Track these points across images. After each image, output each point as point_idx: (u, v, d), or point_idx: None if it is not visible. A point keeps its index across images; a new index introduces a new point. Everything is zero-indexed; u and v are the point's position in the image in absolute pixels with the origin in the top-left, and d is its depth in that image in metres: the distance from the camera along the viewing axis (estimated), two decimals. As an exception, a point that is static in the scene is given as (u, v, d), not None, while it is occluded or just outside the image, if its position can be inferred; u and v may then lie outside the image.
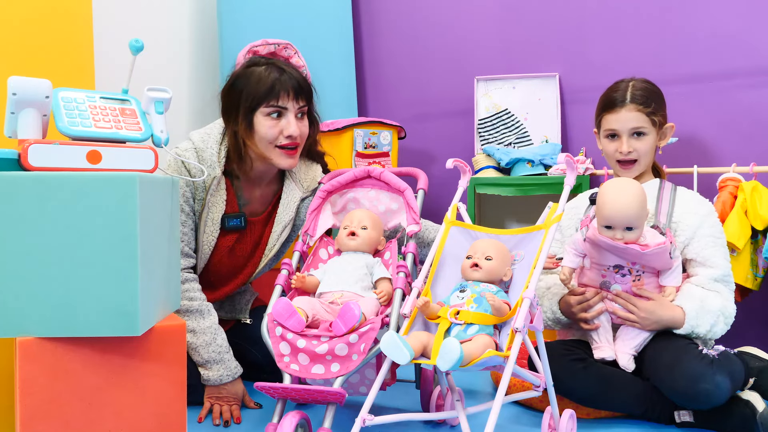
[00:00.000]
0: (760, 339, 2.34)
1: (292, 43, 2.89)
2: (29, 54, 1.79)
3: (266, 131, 1.80)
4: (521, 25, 2.83)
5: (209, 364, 1.78)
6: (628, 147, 1.87)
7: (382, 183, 1.82)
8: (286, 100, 1.80)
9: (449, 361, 1.29)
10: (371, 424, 1.38)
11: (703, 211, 1.84)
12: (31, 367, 1.22)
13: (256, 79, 1.80)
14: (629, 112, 1.87)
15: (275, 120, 1.80)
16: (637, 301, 1.72)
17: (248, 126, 1.81)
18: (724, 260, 1.80)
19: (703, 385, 1.57)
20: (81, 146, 1.27)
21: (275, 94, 1.79)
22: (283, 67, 1.84)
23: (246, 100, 1.80)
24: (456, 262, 1.60)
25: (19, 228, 1.20)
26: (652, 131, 1.88)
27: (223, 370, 1.79)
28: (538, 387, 1.50)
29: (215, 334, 1.79)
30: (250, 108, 1.80)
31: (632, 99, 1.87)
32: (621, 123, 1.88)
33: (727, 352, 1.69)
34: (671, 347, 1.68)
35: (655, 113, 1.87)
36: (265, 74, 1.80)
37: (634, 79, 1.93)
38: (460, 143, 2.93)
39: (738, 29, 2.45)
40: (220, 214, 1.86)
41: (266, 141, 1.81)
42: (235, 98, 1.82)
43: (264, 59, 1.87)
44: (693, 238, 1.80)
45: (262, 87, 1.79)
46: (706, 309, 1.72)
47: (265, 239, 1.98)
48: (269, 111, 1.80)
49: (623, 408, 1.71)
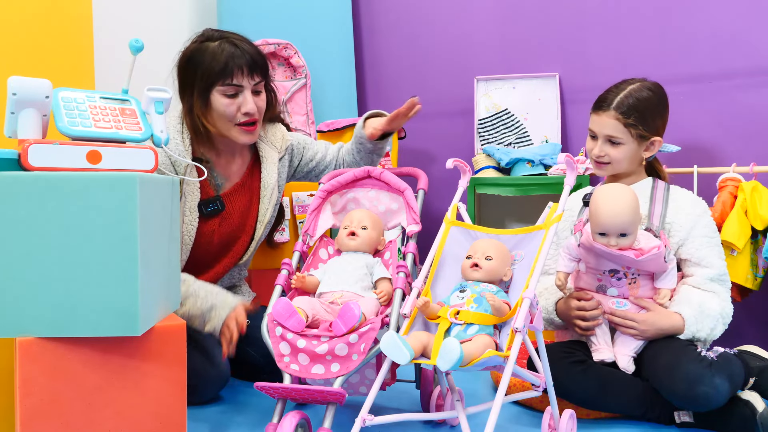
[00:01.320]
0: (760, 339, 2.34)
1: (292, 43, 2.91)
2: (29, 54, 1.79)
3: (224, 109, 1.79)
4: (521, 25, 2.83)
5: (208, 316, 1.75)
6: (599, 151, 1.86)
7: (382, 183, 1.82)
8: (241, 77, 1.78)
9: (449, 361, 1.29)
10: (371, 424, 1.38)
11: (697, 211, 1.82)
12: (31, 367, 1.22)
13: (210, 56, 1.78)
14: (608, 118, 1.83)
15: (231, 99, 1.80)
16: (635, 316, 1.71)
17: (204, 104, 1.80)
18: (719, 259, 1.79)
19: (702, 388, 1.56)
20: (81, 146, 1.27)
21: (229, 72, 1.77)
22: (236, 41, 1.80)
23: (201, 78, 1.78)
24: (456, 262, 1.60)
25: (19, 228, 1.20)
26: (630, 142, 1.83)
27: (221, 311, 1.76)
28: (538, 387, 1.50)
29: (197, 290, 1.77)
30: (206, 87, 1.79)
31: (616, 105, 1.82)
32: (598, 126, 1.85)
33: (727, 354, 1.68)
34: (670, 349, 1.67)
35: (635, 126, 1.80)
36: (219, 51, 1.78)
37: (638, 83, 1.86)
38: (460, 143, 2.93)
39: (738, 29, 2.45)
40: (196, 202, 1.86)
41: (225, 119, 1.81)
42: (190, 76, 1.80)
43: (218, 33, 1.84)
44: (687, 238, 1.79)
45: (216, 65, 1.77)
46: (705, 314, 1.71)
47: (255, 206, 1.99)
48: (225, 90, 1.78)
49: (623, 409, 1.71)
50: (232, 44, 1.79)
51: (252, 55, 1.80)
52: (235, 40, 1.81)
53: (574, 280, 1.81)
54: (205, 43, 1.81)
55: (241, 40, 1.83)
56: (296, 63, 2.86)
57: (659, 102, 1.86)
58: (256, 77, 1.82)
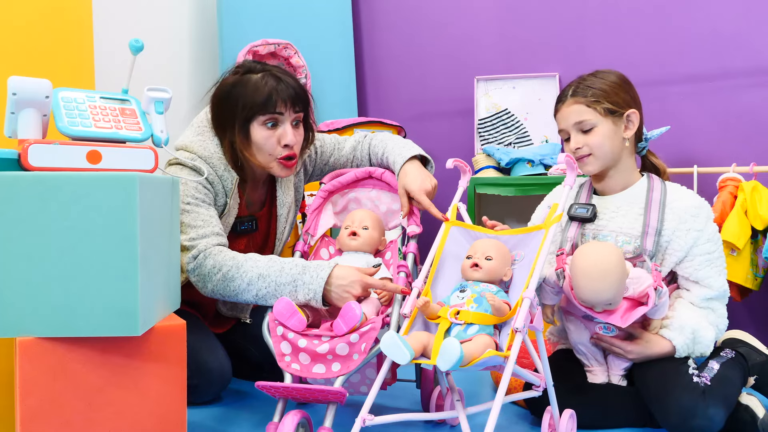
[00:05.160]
0: (760, 339, 2.33)
1: (292, 43, 2.91)
2: (29, 54, 1.79)
3: (264, 141, 1.75)
4: (521, 25, 2.83)
5: (298, 282, 1.58)
6: (575, 143, 1.72)
7: (383, 183, 1.82)
8: (283, 108, 1.74)
9: (449, 361, 1.29)
10: (371, 423, 1.38)
11: (698, 225, 1.67)
12: (31, 367, 1.22)
13: (253, 88, 1.74)
14: (569, 107, 1.72)
15: (271, 129, 1.75)
16: (622, 344, 1.66)
17: (245, 136, 1.76)
18: (719, 277, 1.68)
19: (696, 422, 1.51)
20: (81, 146, 1.27)
21: (273, 103, 1.73)
22: (279, 75, 1.77)
23: (243, 109, 1.74)
24: (456, 262, 1.60)
25: (19, 228, 1.20)
26: (602, 121, 1.69)
27: (315, 271, 1.58)
28: (539, 387, 1.50)
29: (271, 259, 1.65)
30: (247, 118, 1.74)
31: (573, 93, 1.72)
32: (564, 120, 1.74)
33: (721, 374, 1.61)
34: (660, 369, 1.62)
35: (598, 101, 1.69)
36: (262, 83, 1.74)
37: (591, 72, 1.77)
38: (460, 143, 2.93)
39: (738, 29, 2.45)
40: (233, 219, 1.85)
41: (265, 152, 1.77)
42: (231, 108, 1.76)
43: (260, 65, 1.81)
44: (686, 257, 1.67)
45: (259, 96, 1.73)
46: (697, 341, 1.64)
47: (273, 227, 1.98)
48: (266, 119, 1.74)
49: (625, 424, 1.68)
50: (274, 77, 1.76)
51: (294, 88, 1.77)
52: (277, 73, 1.78)
53: (563, 302, 1.74)
54: (246, 75, 1.77)
55: (284, 73, 1.79)
56: (296, 63, 2.87)
57: (618, 78, 1.75)
58: (297, 109, 1.78)
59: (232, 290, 1.64)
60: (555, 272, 1.64)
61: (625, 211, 1.73)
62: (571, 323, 1.75)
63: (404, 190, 1.74)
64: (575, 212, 1.75)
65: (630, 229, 1.70)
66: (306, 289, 1.57)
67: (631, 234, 1.69)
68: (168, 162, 1.81)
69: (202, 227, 1.70)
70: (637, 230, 1.69)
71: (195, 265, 1.67)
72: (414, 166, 1.78)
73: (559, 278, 1.62)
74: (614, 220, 1.73)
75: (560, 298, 1.70)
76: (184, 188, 1.72)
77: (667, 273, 1.72)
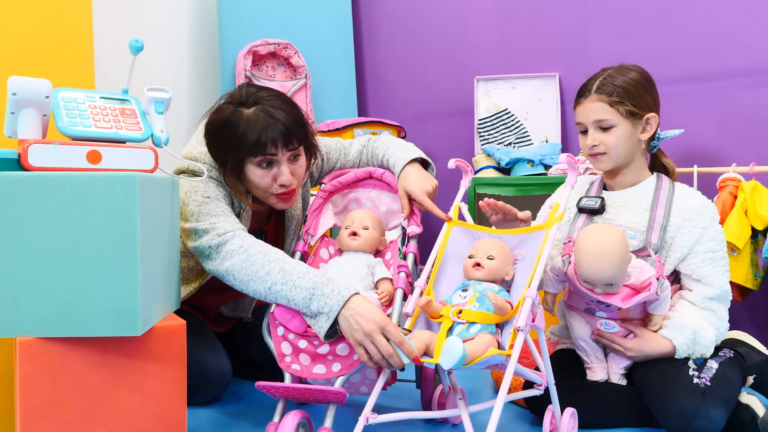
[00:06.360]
0: (760, 339, 2.33)
1: (292, 43, 2.91)
2: (29, 54, 1.79)
3: (258, 180, 1.68)
4: (521, 25, 2.83)
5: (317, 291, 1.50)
6: (592, 140, 1.73)
7: (383, 183, 1.82)
8: (274, 149, 1.65)
9: (452, 359, 1.29)
10: (374, 422, 1.38)
11: (703, 223, 1.69)
12: (31, 367, 1.21)
13: (244, 127, 1.63)
14: (591, 102, 1.72)
15: (266, 169, 1.68)
16: (623, 341, 1.66)
17: (239, 176, 1.70)
18: (721, 276, 1.69)
19: (697, 423, 1.50)
20: (81, 146, 1.27)
21: (263, 146, 1.63)
22: (271, 110, 1.65)
23: (234, 150, 1.65)
24: (458, 262, 1.60)
25: (19, 228, 1.20)
26: (622, 123, 1.71)
27: (339, 288, 1.49)
28: (540, 386, 1.50)
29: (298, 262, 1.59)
30: (238, 159, 1.66)
31: (597, 88, 1.72)
32: (584, 115, 1.74)
33: (720, 373, 1.60)
34: (660, 369, 1.62)
35: (621, 102, 1.69)
36: (253, 122, 1.63)
37: (616, 66, 1.77)
38: (460, 143, 2.93)
39: (738, 29, 2.45)
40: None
41: (261, 189, 1.71)
42: (222, 144, 1.68)
43: (253, 98, 1.68)
44: (690, 254, 1.69)
45: (250, 137, 1.62)
46: (698, 341, 1.64)
47: (280, 239, 1.97)
48: (259, 161, 1.66)
49: (626, 424, 1.68)
50: (266, 113, 1.64)
51: (287, 125, 1.65)
52: (269, 107, 1.65)
53: (565, 294, 1.75)
54: (239, 110, 1.66)
55: (278, 104, 1.67)
56: (296, 63, 2.87)
57: (642, 77, 1.76)
58: (292, 146, 1.68)
59: (248, 274, 1.56)
60: (561, 258, 1.65)
61: (633, 207, 1.75)
62: (573, 318, 1.75)
63: (405, 192, 1.74)
64: (584, 204, 1.77)
65: (636, 224, 1.72)
66: (322, 302, 1.47)
67: (637, 229, 1.71)
68: (178, 169, 1.77)
69: (225, 216, 1.65)
70: (643, 225, 1.71)
71: (220, 241, 1.59)
72: (414, 168, 1.78)
73: (564, 264, 1.63)
74: (621, 214, 1.75)
75: (563, 287, 1.71)
76: (204, 186, 1.68)
77: (671, 272, 1.72)
